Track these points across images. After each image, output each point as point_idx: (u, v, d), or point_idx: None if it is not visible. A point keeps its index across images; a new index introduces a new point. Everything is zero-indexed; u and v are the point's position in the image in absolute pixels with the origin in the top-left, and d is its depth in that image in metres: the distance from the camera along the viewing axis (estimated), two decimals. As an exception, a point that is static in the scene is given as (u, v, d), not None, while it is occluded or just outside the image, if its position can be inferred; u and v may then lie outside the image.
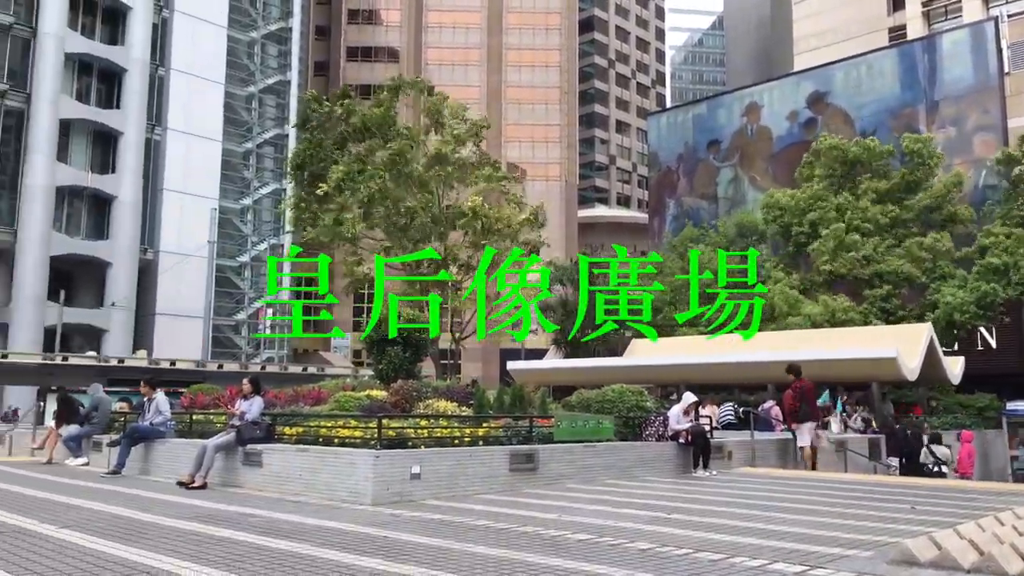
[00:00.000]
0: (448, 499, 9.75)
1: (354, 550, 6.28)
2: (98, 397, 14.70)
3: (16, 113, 44.61)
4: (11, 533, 6.82)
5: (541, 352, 44.71)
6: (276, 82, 56.37)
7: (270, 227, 55.03)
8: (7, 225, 43.74)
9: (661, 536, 7.08)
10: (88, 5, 48.21)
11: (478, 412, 12.48)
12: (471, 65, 73.26)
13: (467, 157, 28.02)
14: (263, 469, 10.59)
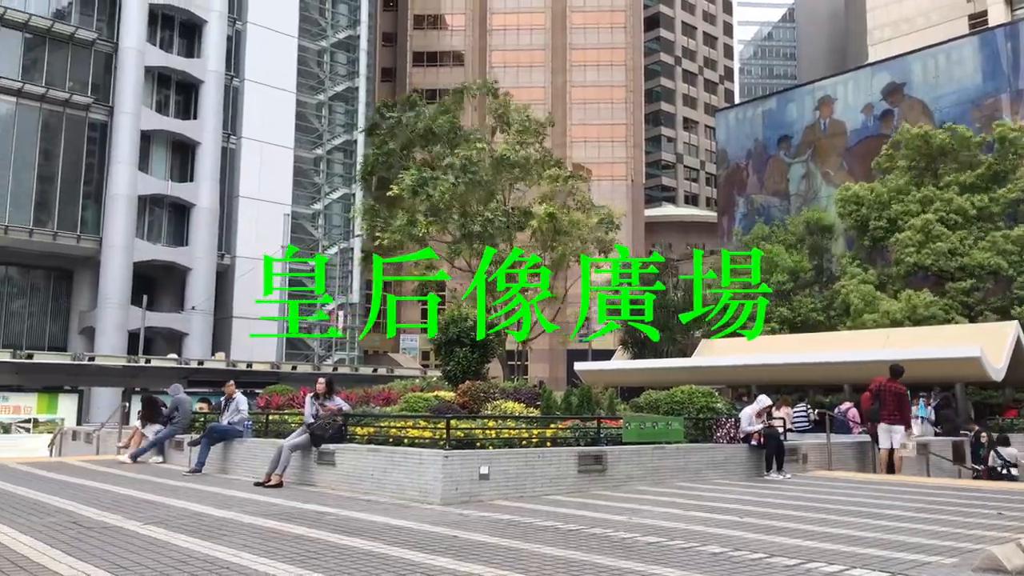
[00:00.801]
0: (516, 500, 9.77)
1: (425, 549, 6.36)
2: (179, 398, 15.18)
3: (100, 126, 46.63)
4: (99, 529, 7.13)
5: (608, 353, 44.41)
6: (345, 89, 57.50)
7: (340, 231, 56.14)
8: (93, 233, 45.74)
9: (733, 540, 6.96)
10: (166, 19, 50.07)
11: (545, 413, 12.47)
12: (535, 66, 73.33)
13: (531, 156, 28.05)
14: (336, 468, 10.81)
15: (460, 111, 28.27)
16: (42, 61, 45.42)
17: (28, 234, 43.62)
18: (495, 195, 27.40)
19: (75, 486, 10.57)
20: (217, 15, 50.17)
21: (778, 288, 36.82)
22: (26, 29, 44.53)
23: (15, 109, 44.01)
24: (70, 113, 45.50)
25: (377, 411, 13.48)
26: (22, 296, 47.11)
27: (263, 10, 52.40)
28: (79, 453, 18.87)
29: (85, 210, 46.00)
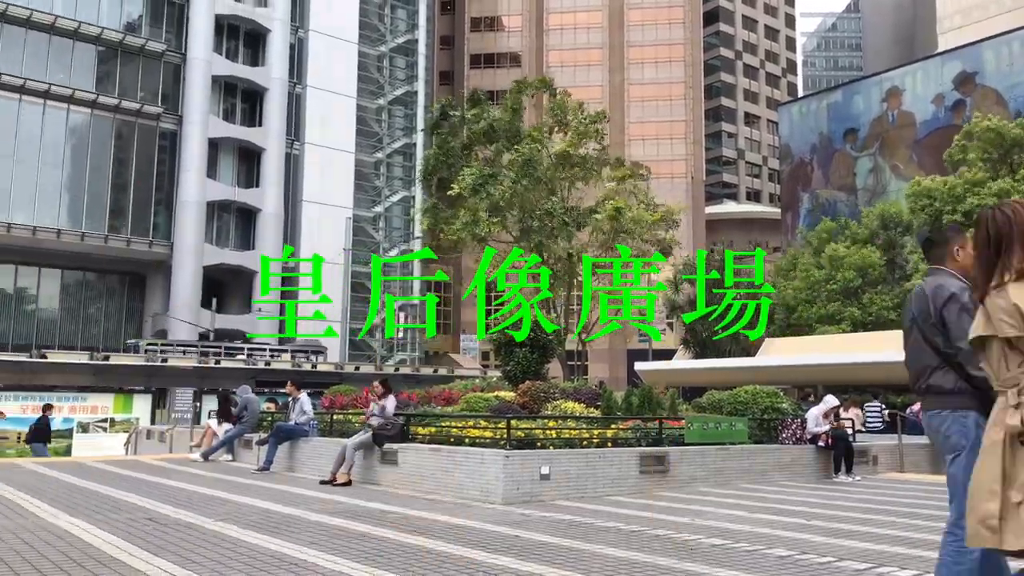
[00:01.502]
0: (577, 500, 9.74)
1: (487, 548, 6.39)
2: (247, 398, 15.55)
3: (170, 134, 48.19)
4: (173, 525, 7.36)
5: (669, 352, 43.95)
6: (404, 93, 58.21)
7: (400, 233, 56.86)
8: (164, 239, 47.28)
9: (800, 543, 6.81)
10: (231, 30, 51.47)
11: (606, 413, 12.41)
12: (593, 65, 72.99)
13: (590, 154, 27.92)
14: (399, 467, 10.94)
15: (520, 109, 28.30)
16: (114, 73, 47.17)
17: (103, 240, 45.35)
18: (555, 193, 27.36)
19: (150, 484, 10.94)
20: (280, 24, 51.34)
21: (845, 286, 35.89)
22: (99, 42, 46.30)
23: (90, 120, 45.81)
24: (141, 123, 47.14)
25: (438, 411, 13.60)
26: (99, 300, 48.98)
27: (324, 18, 53.42)
28: (153, 451, 19.53)
29: (157, 216, 47.59)
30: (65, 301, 47.86)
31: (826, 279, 36.69)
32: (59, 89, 44.08)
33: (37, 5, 43.84)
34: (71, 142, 45.56)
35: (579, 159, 27.34)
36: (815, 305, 36.17)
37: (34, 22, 43.70)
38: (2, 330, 44.38)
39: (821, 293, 36.49)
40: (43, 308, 47.00)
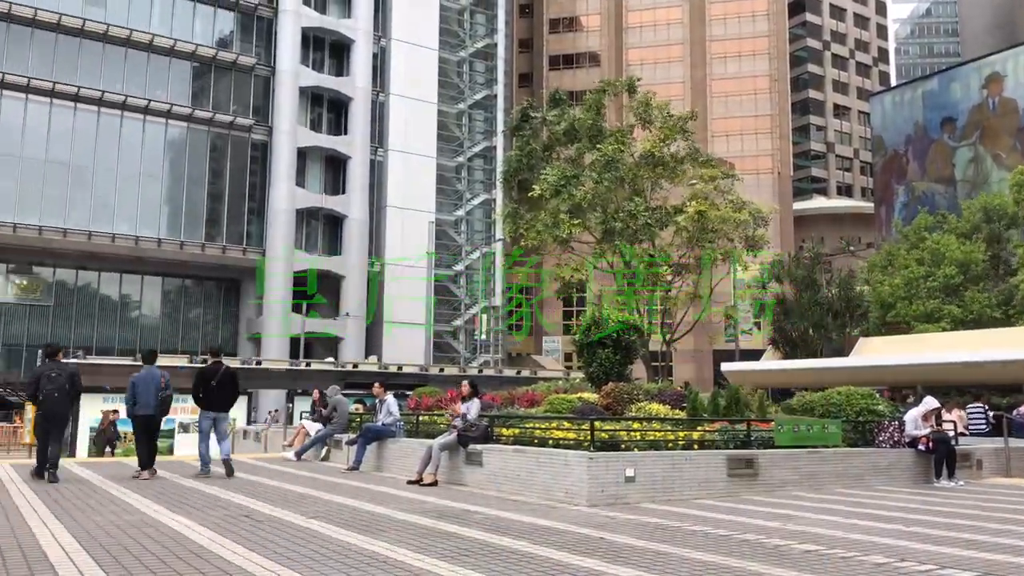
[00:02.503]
0: (664, 503, 9.62)
1: (572, 550, 6.38)
2: (336, 399, 15.96)
3: (260, 145, 49.97)
4: (268, 522, 7.62)
5: (757, 353, 42.89)
6: (483, 97, 58.72)
7: (482, 236, 57.35)
8: (257, 246, 49.03)
9: (899, 550, 6.54)
10: (317, 41, 53.00)
11: (692, 415, 12.21)
12: (673, 62, 71.98)
13: (676, 153, 27.50)
14: (484, 468, 11.03)
15: (602, 109, 28.10)
16: (208, 87, 49.23)
17: (200, 248, 47.36)
18: (639, 193, 27.08)
19: (245, 482, 11.35)
20: (363, 34, 52.57)
21: (946, 283, 34.28)
22: (193, 58, 48.40)
23: (186, 133, 47.94)
24: (234, 135, 49.04)
25: (522, 413, 13.64)
26: (197, 306, 51.16)
27: (406, 26, 54.41)
28: (249, 451, 20.27)
29: (250, 224, 49.41)
30: (166, 307, 50.19)
31: (925, 275, 35.13)
32: (157, 105, 46.28)
33: (136, 25, 46.15)
34: (169, 155, 47.78)
35: (664, 158, 26.96)
36: (913, 303, 34.69)
37: (133, 41, 46.00)
38: (110, 336, 46.86)
39: (920, 290, 34.96)
40: (146, 314, 49.40)
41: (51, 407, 10.97)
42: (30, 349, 43.97)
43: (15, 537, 6.58)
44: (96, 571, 5.32)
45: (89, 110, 44.76)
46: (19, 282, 45.69)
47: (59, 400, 10.96)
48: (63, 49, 44.46)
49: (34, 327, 45.41)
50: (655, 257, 25.86)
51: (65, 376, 11.10)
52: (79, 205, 44.11)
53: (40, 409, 11.14)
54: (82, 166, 44.44)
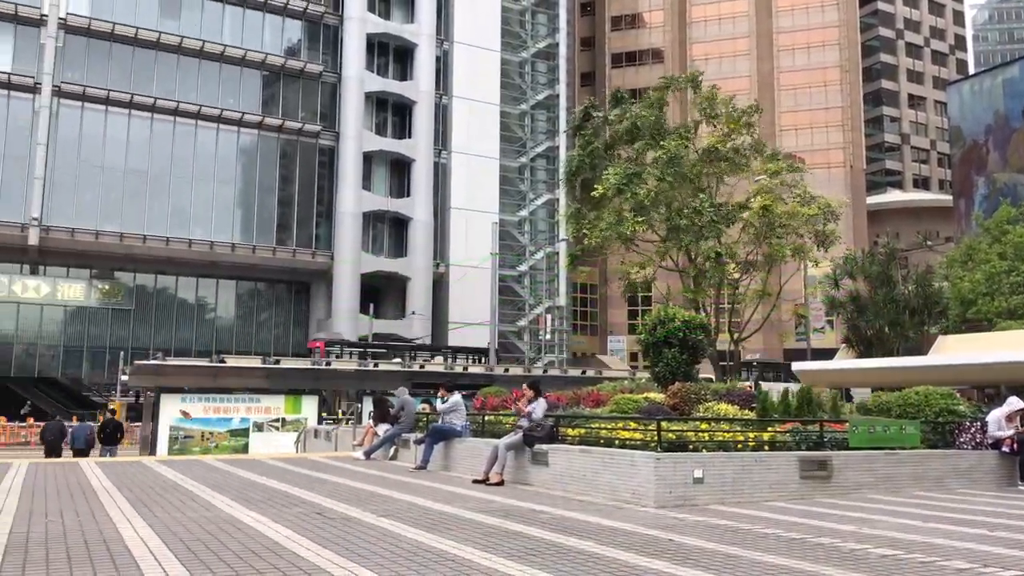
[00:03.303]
0: (733, 505, 9.46)
1: (639, 551, 6.33)
2: (404, 399, 16.17)
3: (328, 150, 51.02)
4: (339, 520, 7.78)
5: (830, 352, 41.78)
6: (545, 97, 58.72)
7: (545, 236, 57.35)
8: (325, 249, 50.09)
9: (981, 555, 6.29)
10: (381, 47, 53.85)
11: (762, 415, 11.97)
12: (739, 55, 70.70)
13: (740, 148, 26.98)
14: (549, 468, 11.03)
15: (665, 106, 27.76)
16: (278, 95, 50.52)
17: (272, 252, 48.62)
18: (703, 190, 26.67)
19: (317, 480, 11.60)
20: (427, 38, 53.17)
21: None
22: (263, 67, 49.74)
23: (257, 140, 49.29)
24: (303, 141, 50.20)
25: (587, 413, 13.59)
26: (268, 308, 52.55)
27: (468, 29, 54.81)
28: (320, 450, 20.72)
29: (318, 228, 50.51)
30: (239, 310, 51.70)
31: (1008, 270, 33.66)
32: (230, 113, 47.70)
33: (208, 36, 47.68)
34: (241, 162, 49.19)
35: (728, 153, 26.47)
36: (995, 299, 33.29)
37: (206, 52, 47.52)
38: (187, 337, 48.51)
39: (1002, 285, 33.52)
40: (220, 316, 50.98)
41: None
42: (112, 351, 45.87)
43: (101, 533, 6.87)
44: (177, 566, 5.51)
45: (165, 120, 46.42)
46: (102, 287, 47.69)
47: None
48: (140, 62, 46.22)
49: (116, 330, 47.33)
50: (721, 254, 25.40)
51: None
52: (157, 212, 45.78)
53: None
54: (159, 174, 46.12)
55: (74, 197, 44.06)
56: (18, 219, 42.47)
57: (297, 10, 50.80)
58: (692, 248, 25.28)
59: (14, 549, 6.02)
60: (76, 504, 8.68)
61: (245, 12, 49.67)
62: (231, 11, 49.29)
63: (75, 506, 8.51)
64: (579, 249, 28.96)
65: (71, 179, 44.15)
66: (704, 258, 25.74)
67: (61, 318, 46.82)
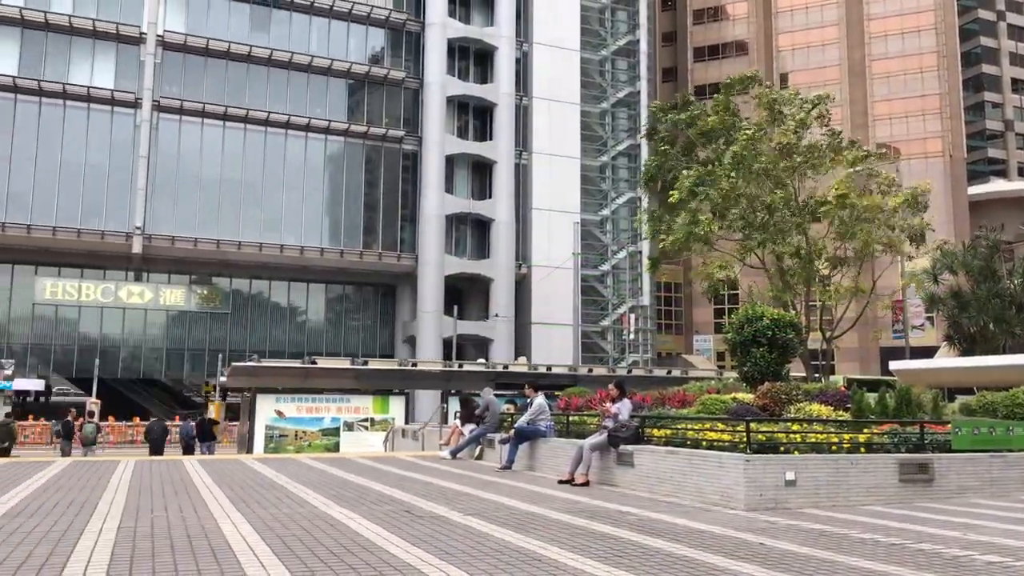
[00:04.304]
0: (828, 508, 9.18)
1: (729, 555, 6.21)
2: (489, 399, 16.31)
3: (411, 155, 51.92)
4: (427, 518, 7.91)
5: (929, 350, 39.99)
6: (626, 95, 58.20)
7: (628, 235, 56.85)
8: (410, 252, 50.98)
9: (1102, 567, 5.91)
10: (462, 51, 54.44)
11: (857, 416, 11.56)
12: (828, 44, 68.42)
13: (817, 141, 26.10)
14: (635, 469, 10.93)
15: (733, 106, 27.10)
16: (363, 102, 51.72)
17: (359, 256, 49.81)
18: (783, 185, 25.95)
19: (405, 478, 11.82)
20: (506, 40, 53.48)
21: None
22: (348, 76, 51.02)
23: (344, 147, 50.59)
24: (387, 146, 51.24)
25: (673, 413, 13.41)
26: (356, 311, 53.83)
27: (547, 30, 54.85)
28: (407, 449, 21.10)
29: (403, 231, 51.46)
30: (329, 312, 53.16)
31: None
32: (317, 122, 49.11)
33: (296, 47, 49.20)
34: (328, 168, 50.58)
35: (803, 148, 25.67)
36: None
37: (294, 63, 49.05)
38: (280, 339, 50.18)
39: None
40: (311, 319, 52.52)
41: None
42: (211, 353, 47.84)
43: (202, 527, 7.19)
44: (273, 560, 5.71)
45: (257, 130, 48.14)
46: (201, 292, 49.82)
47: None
48: (233, 75, 48.06)
49: (215, 333, 49.35)
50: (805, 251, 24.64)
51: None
52: (251, 219, 47.52)
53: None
54: (252, 183, 47.86)
55: (174, 206, 46.17)
56: (123, 229, 44.76)
57: (380, 18, 51.88)
58: (774, 245, 24.64)
59: (123, 542, 6.36)
60: (179, 499, 9.10)
61: (331, 23, 51.01)
62: (318, 22, 50.72)
63: (178, 501, 8.93)
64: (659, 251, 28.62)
65: (170, 189, 46.28)
66: (789, 255, 25.06)
67: (163, 322, 49.13)
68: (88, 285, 46.85)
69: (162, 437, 25.26)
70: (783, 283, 25.25)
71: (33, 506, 8.42)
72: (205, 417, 25.52)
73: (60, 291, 46.39)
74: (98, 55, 46.09)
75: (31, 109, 44.18)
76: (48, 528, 6.98)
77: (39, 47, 44.89)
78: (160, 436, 25.14)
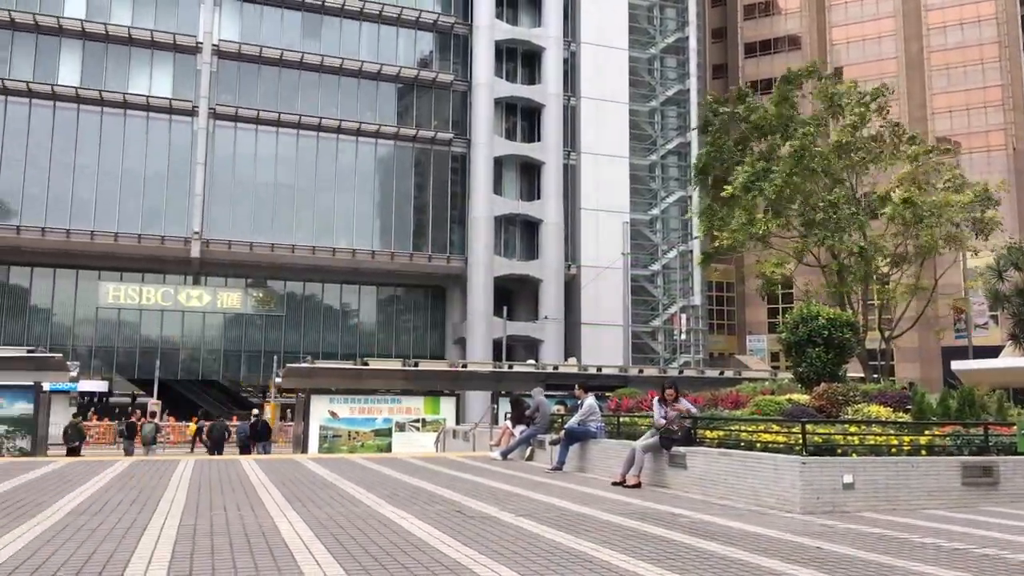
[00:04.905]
0: (887, 512, 8.96)
1: (786, 558, 6.10)
2: (539, 400, 16.31)
3: (460, 157, 52.20)
4: (479, 518, 7.94)
5: (993, 350, 38.71)
6: (676, 92, 57.63)
7: (678, 235, 56.27)
8: (459, 253, 51.25)
9: None
10: (509, 53, 54.55)
11: (918, 418, 11.25)
12: (884, 37, 66.77)
13: (877, 136, 25.46)
14: (688, 471, 10.82)
15: (792, 99, 26.60)
16: (412, 106, 52.19)
17: (409, 258, 50.28)
18: (841, 181, 25.39)
19: (456, 479, 11.89)
20: (554, 41, 53.43)
21: None
22: (398, 80, 51.54)
23: (393, 150, 51.12)
24: (436, 149, 51.62)
25: (726, 414, 13.23)
26: (407, 312, 54.33)
27: (595, 29, 54.64)
28: (458, 449, 21.22)
29: (452, 233, 51.76)
30: (380, 314, 53.75)
31: None
32: (367, 126, 49.71)
33: (346, 53, 49.89)
34: (379, 172, 51.17)
35: (862, 142, 25.06)
36: None
37: (345, 69, 49.74)
38: (333, 341, 50.92)
39: None
40: (363, 321, 53.17)
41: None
42: (267, 355, 48.80)
43: (259, 525, 7.34)
44: (328, 558, 5.80)
45: (309, 136, 48.95)
46: (256, 295, 50.85)
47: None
48: (285, 82, 48.97)
49: (270, 335, 50.32)
50: (865, 248, 24.05)
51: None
52: (304, 223, 48.33)
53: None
54: (305, 187, 48.68)
55: (230, 211, 47.21)
56: (181, 233, 45.94)
57: (428, 22, 52.29)
58: (832, 243, 24.13)
59: (183, 539, 6.52)
60: (237, 498, 9.30)
61: (380, 28, 51.60)
62: (367, 28, 51.36)
63: (236, 500, 9.12)
64: (712, 248, 28.25)
65: (227, 195, 47.34)
66: (847, 253, 24.52)
67: (221, 324, 50.25)
68: (149, 289, 48.19)
69: (222, 437, 25.91)
70: (840, 281, 24.75)
71: (98, 504, 8.70)
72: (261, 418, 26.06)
73: (122, 295, 47.80)
74: (156, 65, 47.41)
75: (93, 119, 45.64)
76: (112, 525, 7.20)
77: (100, 58, 46.35)
78: (220, 436, 25.81)
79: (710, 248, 28.79)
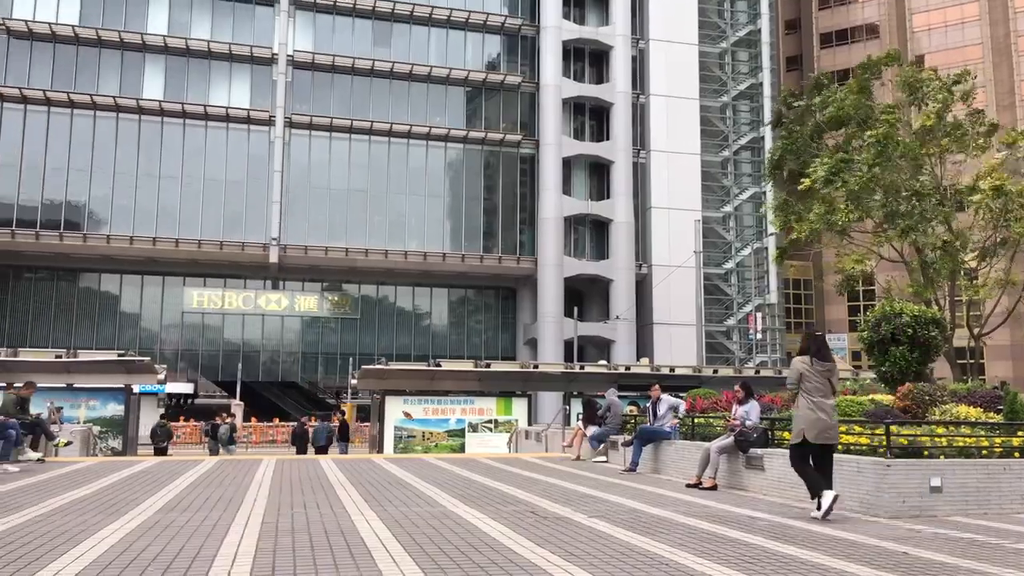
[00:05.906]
0: (978, 517, 8.59)
1: (870, 563, 5.92)
2: (611, 400, 16.24)
3: (528, 158, 52.32)
4: (552, 519, 7.94)
5: (1094, 347, 36.65)
6: (748, 86, 56.48)
7: (752, 231, 55.12)
8: (529, 254, 51.35)
9: None
10: (577, 52, 54.40)
11: (1010, 419, 10.75)
12: (968, 22, 64.02)
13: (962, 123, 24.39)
14: (765, 473, 10.60)
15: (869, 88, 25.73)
16: (480, 108, 52.58)
17: (479, 260, 50.63)
18: (924, 171, 24.43)
19: (530, 479, 11.92)
20: (622, 39, 53.03)
21: None
22: (466, 83, 51.98)
23: (463, 153, 51.58)
24: (505, 151, 51.87)
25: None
26: (478, 313, 54.74)
27: (663, 25, 54.01)
28: (530, 450, 21.26)
29: (522, 234, 51.92)
30: (452, 316, 54.31)
31: None
32: (437, 130, 50.33)
33: (415, 59, 50.61)
34: (449, 175, 51.71)
35: (948, 129, 24.05)
36: None
37: (415, 75, 50.47)
38: (406, 343, 51.70)
39: None
40: (435, 323, 53.83)
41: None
42: (343, 357, 49.88)
43: (338, 524, 7.51)
44: (406, 557, 5.90)
45: (380, 141, 49.83)
46: (332, 298, 52.02)
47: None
48: (357, 89, 49.97)
49: (346, 337, 51.43)
50: (949, 242, 23.10)
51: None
52: (376, 227, 49.24)
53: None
54: (377, 192, 49.58)
55: (305, 217, 48.44)
56: (260, 240, 47.37)
57: (496, 25, 52.58)
58: (916, 235, 23.26)
59: (266, 537, 6.73)
60: (316, 497, 9.54)
61: (448, 32, 52.17)
62: (436, 33, 51.98)
63: (315, 499, 9.36)
64: (788, 242, 27.58)
65: (303, 201, 48.59)
66: (932, 247, 23.61)
67: (298, 327, 51.60)
68: (230, 294, 49.85)
69: (305, 437, 26.68)
70: (925, 277, 23.85)
71: (186, 501, 9.04)
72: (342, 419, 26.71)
73: (206, 300, 49.58)
74: (234, 76, 48.99)
75: (176, 131, 47.47)
76: (200, 522, 7.48)
77: (182, 72, 48.17)
78: (303, 436, 26.59)
79: (786, 242, 28.12)
